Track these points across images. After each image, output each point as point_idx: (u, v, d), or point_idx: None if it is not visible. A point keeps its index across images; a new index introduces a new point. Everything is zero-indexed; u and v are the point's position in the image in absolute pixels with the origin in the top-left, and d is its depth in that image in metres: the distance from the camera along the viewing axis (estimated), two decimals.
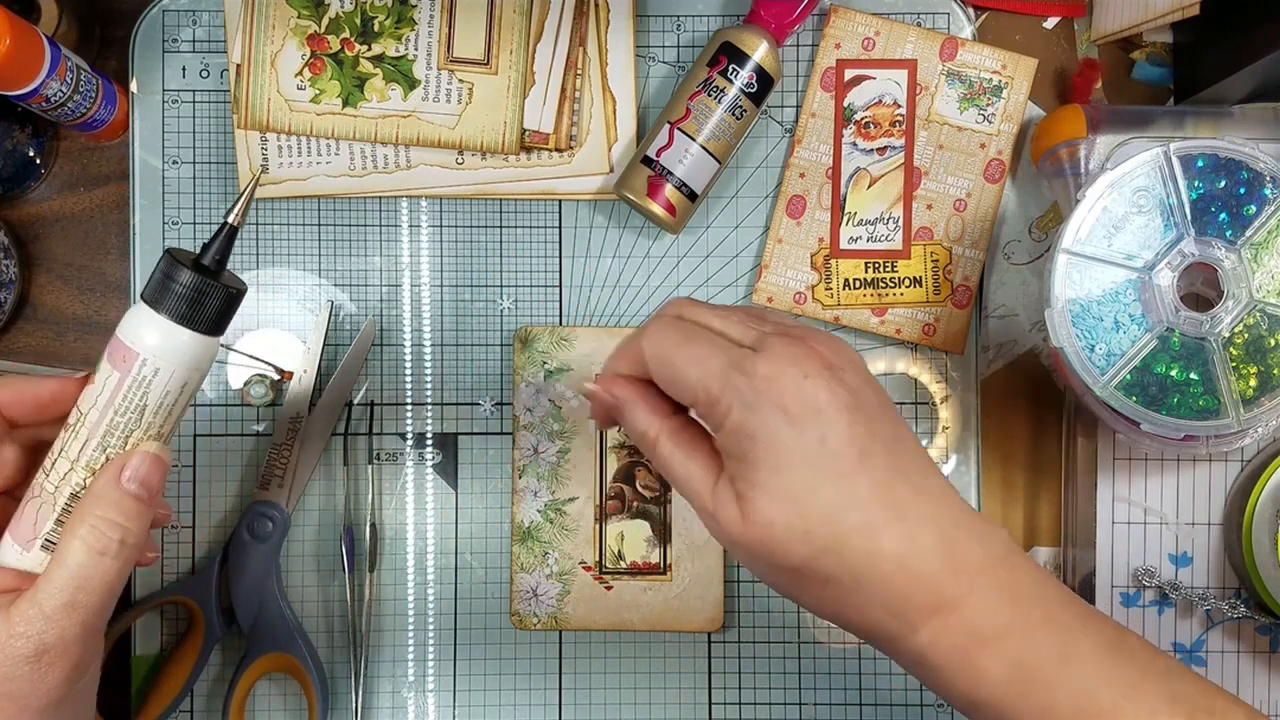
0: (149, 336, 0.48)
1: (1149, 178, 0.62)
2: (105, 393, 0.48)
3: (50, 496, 0.49)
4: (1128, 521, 0.70)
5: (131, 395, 0.48)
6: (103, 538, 0.47)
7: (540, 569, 0.72)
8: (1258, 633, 0.70)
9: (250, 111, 0.71)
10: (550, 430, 0.72)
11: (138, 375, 0.48)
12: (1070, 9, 0.74)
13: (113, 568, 0.48)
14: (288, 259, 0.73)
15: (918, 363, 0.73)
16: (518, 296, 0.73)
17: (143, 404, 0.48)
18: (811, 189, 0.73)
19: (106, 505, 0.47)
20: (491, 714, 0.73)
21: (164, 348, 0.48)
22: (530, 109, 0.71)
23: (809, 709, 0.73)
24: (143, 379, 0.48)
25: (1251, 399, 0.61)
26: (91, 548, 0.47)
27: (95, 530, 0.47)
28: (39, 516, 0.48)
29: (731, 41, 0.70)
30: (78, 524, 0.47)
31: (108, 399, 0.48)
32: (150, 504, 0.48)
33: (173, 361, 0.49)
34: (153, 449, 0.48)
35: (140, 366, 0.48)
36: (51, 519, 0.48)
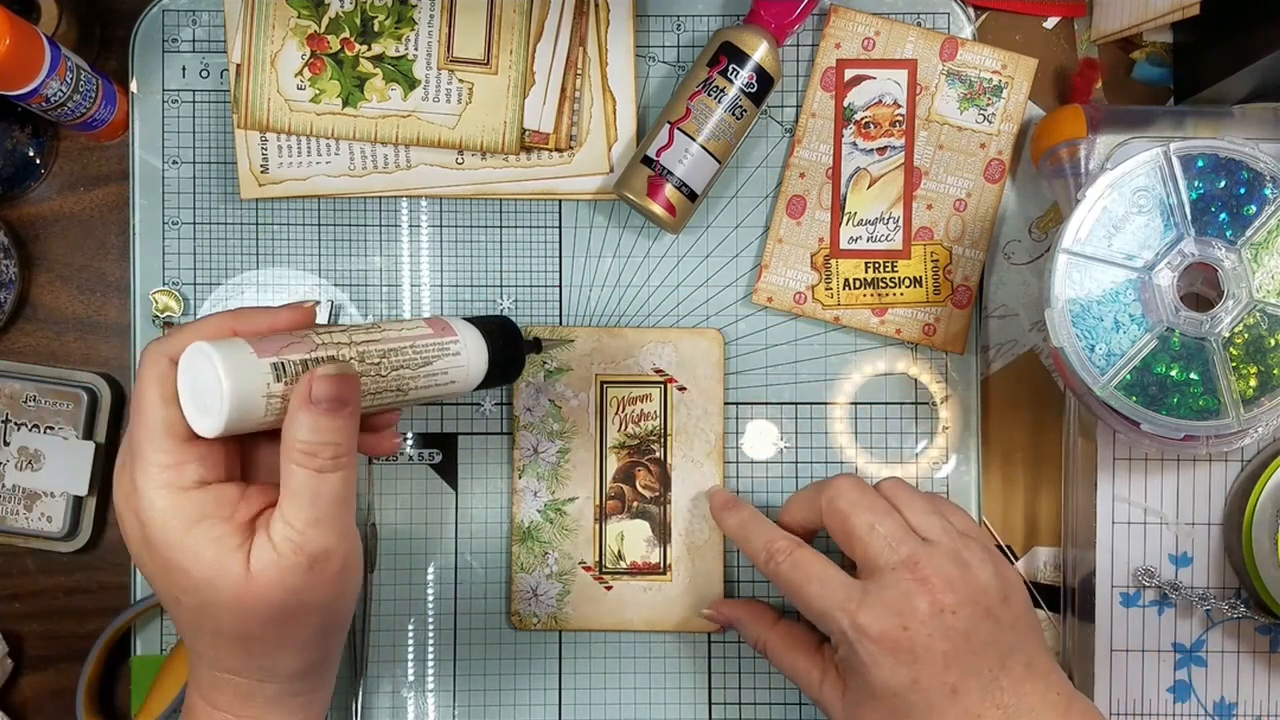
0: (469, 338, 0.60)
1: (1149, 178, 0.62)
2: (410, 333, 0.57)
3: (307, 342, 0.52)
4: (1128, 521, 0.70)
5: (423, 349, 0.57)
6: (315, 459, 0.50)
7: (540, 569, 0.72)
8: (1258, 633, 0.70)
9: (250, 111, 0.71)
10: (550, 430, 0.72)
11: (441, 342, 0.58)
12: (1070, 9, 0.74)
13: (335, 479, 0.51)
14: (288, 259, 0.73)
15: (918, 363, 0.73)
16: (518, 296, 0.73)
17: (427, 361, 0.57)
18: (811, 189, 0.73)
19: (305, 430, 0.50)
20: (491, 714, 0.73)
21: (469, 350, 0.60)
22: (530, 109, 0.71)
23: (809, 709, 0.73)
24: (442, 346, 0.58)
25: (1251, 399, 0.61)
26: (309, 468, 0.50)
27: (305, 454, 0.50)
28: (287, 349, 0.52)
29: (731, 41, 0.70)
30: (287, 449, 0.50)
31: (408, 338, 0.57)
32: (346, 415, 0.51)
33: (463, 360, 0.59)
34: (330, 369, 0.51)
35: (447, 341, 0.58)
36: (303, 353, 0.52)
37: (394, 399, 0.56)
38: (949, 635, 0.57)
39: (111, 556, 0.74)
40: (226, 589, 0.50)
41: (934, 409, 0.73)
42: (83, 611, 0.74)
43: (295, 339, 0.52)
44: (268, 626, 0.51)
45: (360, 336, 0.55)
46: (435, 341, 0.58)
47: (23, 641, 0.74)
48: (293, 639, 0.53)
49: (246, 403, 0.49)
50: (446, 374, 0.58)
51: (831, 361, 0.73)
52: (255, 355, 0.50)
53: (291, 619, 0.51)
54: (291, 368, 0.51)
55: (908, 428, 0.73)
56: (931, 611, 0.57)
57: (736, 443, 0.73)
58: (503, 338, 0.62)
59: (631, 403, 0.72)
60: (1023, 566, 0.74)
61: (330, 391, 0.50)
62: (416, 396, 0.57)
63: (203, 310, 0.73)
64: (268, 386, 0.50)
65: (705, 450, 0.72)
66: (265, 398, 0.50)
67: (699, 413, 0.72)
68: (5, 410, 0.72)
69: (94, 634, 0.72)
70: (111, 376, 0.73)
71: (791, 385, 0.73)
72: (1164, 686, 0.70)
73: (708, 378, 0.72)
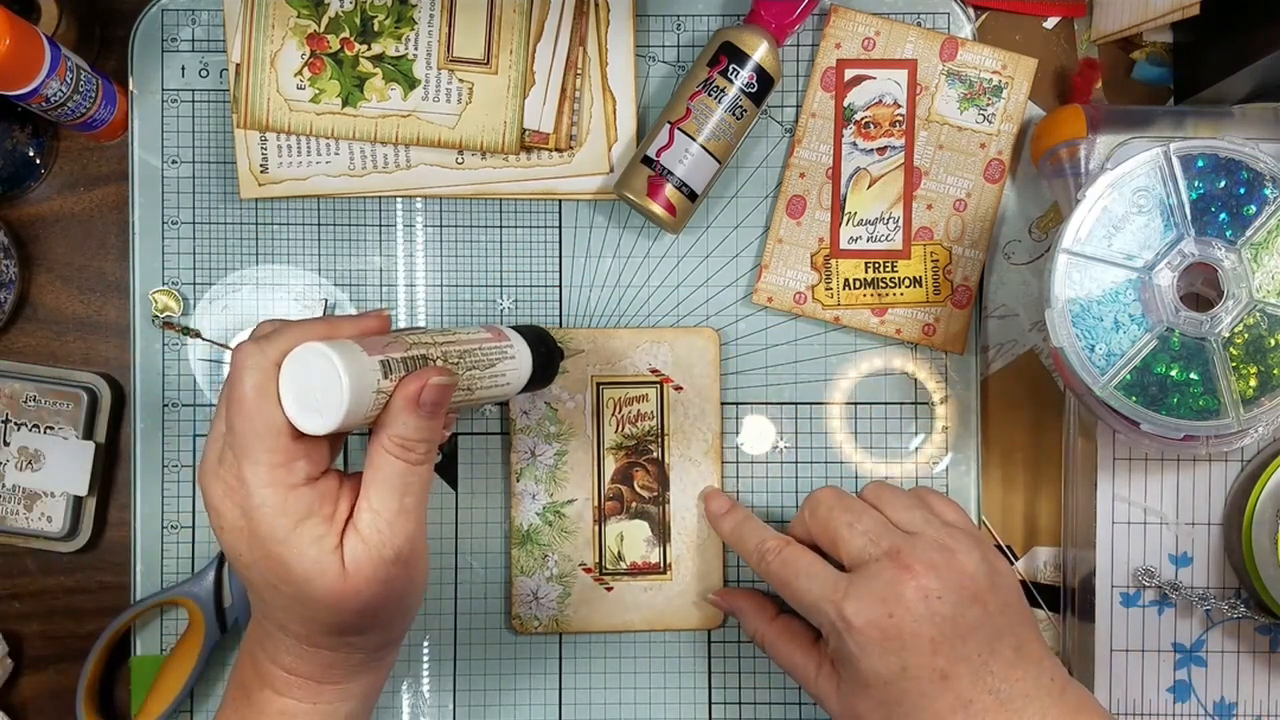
0: (519, 344, 0.64)
1: (1149, 178, 0.62)
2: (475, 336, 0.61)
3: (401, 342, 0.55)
4: (1128, 521, 0.70)
5: (489, 352, 0.60)
6: (411, 453, 0.54)
7: (540, 572, 0.72)
8: (1258, 633, 0.70)
9: (250, 111, 0.71)
10: (547, 433, 0.72)
11: (501, 346, 0.62)
12: (1070, 9, 0.74)
13: (423, 471, 0.55)
14: (287, 258, 0.73)
15: (918, 363, 0.73)
16: (518, 296, 0.73)
17: (492, 363, 0.60)
18: (811, 189, 0.73)
19: (408, 427, 0.53)
20: (491, 714, 0.73)
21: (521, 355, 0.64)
22: (530, 109, 0.71)
23: (808, 709, 0.73)
24: (500, 350, 0.61)
25: (1251, 399, 0.61)
26: (404, 460, 0.54)
27: (404, 448, 0.54)
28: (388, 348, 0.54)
29: (732, 41, 0.70)
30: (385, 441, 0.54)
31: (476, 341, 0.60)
32: (441, 414, 0.55)
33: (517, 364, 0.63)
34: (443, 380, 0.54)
35: (505, 345, 0.62)
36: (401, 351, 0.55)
37: (464, 399, 0.59)
38: (935, 620, 0.58)
39: (111, 556, 0.74)
40: (325, 586, 0.53)
41: (933, 409, 0.73)
42: (83, 611, 0.74)
43: (391, 339, 0.55)
44: (361, 616, 0.54)
45: (440, 339, 0.58)
46: (496, 346, 0.61)
47: (23, 641, 0.74)
48: (380, 621, 0.56)
49: (360, 400, 0.52)
50: (504, 376, 0.62)
51: (831, 361, 0.73)
52: (365, 354, 0.53)
53: (382, 607, 0.55)
54: (396, 365, 0.54)
55: (907, 428, 0.73)
56: (917, 597, 0.58)
57: (736, 443, 0.73)
58: (543, 344, 0.66)
59: (628, 403, 0.72)
60: (1023, 566, 0.73)
61: (438, 397, 0.54)
62: (480, 397, 0.60)
63: (202, 308, 0.73)
64: (377, 384, 0.53)
65: (703, 449, 0.72)
66: (375, 394, 0.53)
67: (696, 412, 0.72)
68: (5, 410, 0.72)
69: (94, 634, 0.72)
70: (111, 376, 0.73)
71: (791, 385, 0.73)
72: (1164, 686, 0.70)
73: (704, 377, 0.72)
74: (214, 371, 0.73)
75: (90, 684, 0.71)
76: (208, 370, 0.73)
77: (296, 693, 0.57)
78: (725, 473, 0.73)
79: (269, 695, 0.57)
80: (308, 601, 0.53)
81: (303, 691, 0.57)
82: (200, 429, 0.73)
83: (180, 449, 0.73)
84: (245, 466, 0.52)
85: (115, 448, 0.74)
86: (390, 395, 0.54)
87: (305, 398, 0.52)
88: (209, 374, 0.73)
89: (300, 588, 0.53)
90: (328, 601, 0.53)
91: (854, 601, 0.59)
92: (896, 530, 0.61)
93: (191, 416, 0.73)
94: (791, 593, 0.62)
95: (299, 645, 0.56)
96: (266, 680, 0.57)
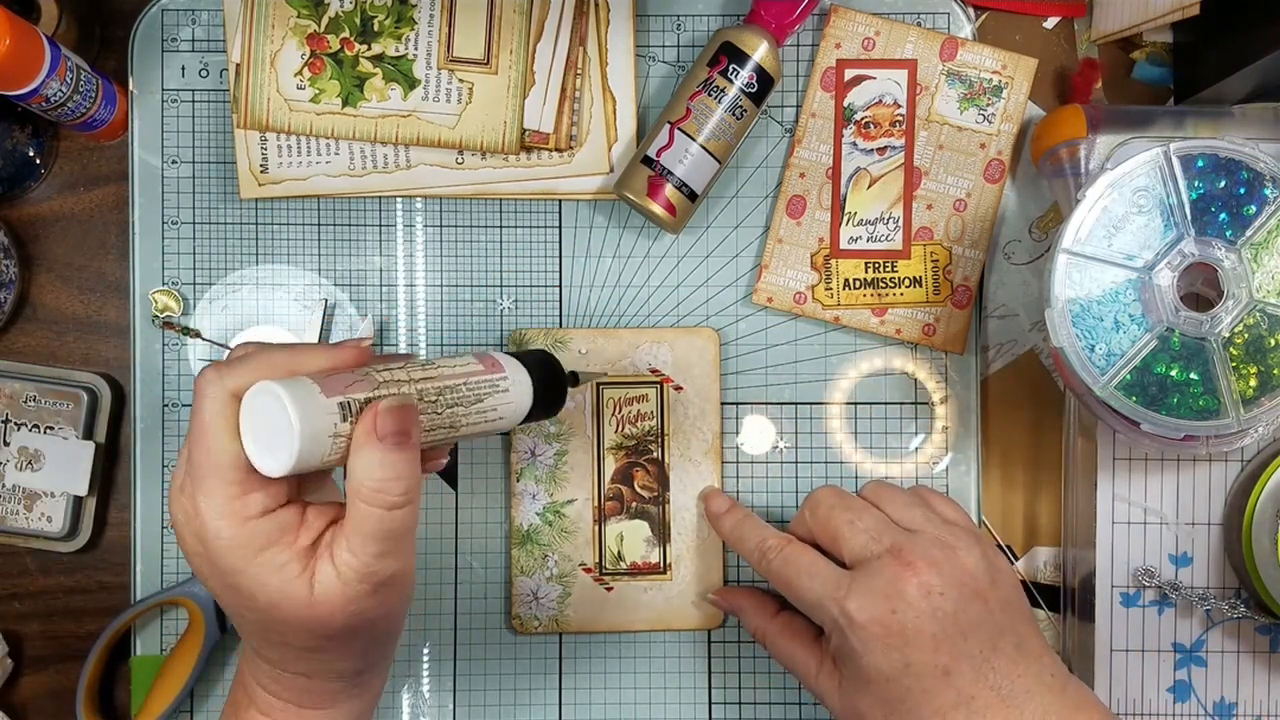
0: (515, 374, 0.60)
1: (1149, 178, 0.62)
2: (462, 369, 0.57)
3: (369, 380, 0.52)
4: (1128, 521, 0.70)
5: (476, 387, 0.57)
6: (385, 496, 0.51)
7: (540, 572, 0.72)
8: (1258, 633, 0.70)
9: (250, 111, 0.71)
10: (547, 433, 0.72)
11: (491, 379, 0.58)
12: (1070, 9, 0.74)
13: (402, 515, 0.51)
14: (287, 258, 0.73)
15: (918, 363, 0.73)
16: (518, 296, 0.73)
17: (479, 398, 0.57)
18: (811, 189, 0.73)
19: (375, 466, 0.50)
20: (492, 714, 0.73)
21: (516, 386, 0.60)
22: (530, 109, 0.71)
23: (808, 709, 0.73)
24: (491, 383, 0.58)
25: (1251, 399, 0.61)
26: (378, 506, 0.51)
27: (374, 493, 0.50)
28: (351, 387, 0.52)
29: (731, 41, 0.70)
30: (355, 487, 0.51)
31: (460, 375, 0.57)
32: (410, 448, 0.51)
33: (511, 397, 0.59)
34: (393, 403, 0.51)
35: (497, 378, 0.58)
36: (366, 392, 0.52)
37: (446, 435, 0.56)
38: (937, 617, 0.58)
39: (111, 556, 0.74)
40: (291, 612, 0.51)
41: (933, 409, 0.73)
42: (83, 611, 0.74)
43: (358, 377, 0.52)
44: (332, 641, 0.53)
45: (417, 374, 0.54)
46: (486, 379, 0.58)
47: (23, 641, 0.74)
48: (357, 648, 0.54)
49: (314, 443, 0.49)
50: (496, 410, 0.58)
51: (831, 361, 0.73)
52: (323, 395, 0.50)
53: (355, 634, 0.53)
54: (356, 406, 0.51)
55: (907, 428, 0.73)
56: (919, 594, 0.58)
57: (736, 443, 0.73)
58: (545, 372, 0.62)
59: (628, 403, 0.72)
60: (1023, 566, 0.73)
61: (395, 425, 0.51)
62: (467, 433, 0.57)
63: (202, 308, 0.73)
64: (334, 426, 0.50)
65: (703, 449, 0.72)
66: (332, 438, 0.50)
67: (696, 412, 0.72)
68: (5, 410, 0.72)
69: (94, 634, 0.72)
70: (111, 376, 0.73)
71: (791, 385, 0.73)
72: (1164, 686, 0.70)
73: (704, 377, 0.72)
74: None
75: (90, 684, 0.71)
76: None
77: (279, 716, 0.56)
78: (725, 473, 0.73)
79: (254, 715, 0.56)
80: (275, 627, 0.52)
81: (285, 715, 0.56)
82: None
83: (180, 449, 0.72)
84: (200, 497, 0.51)
85: (115, 448, 0.74)
86: None
87: (261, 436, 0.50)
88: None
89: (267, 613, 0.52)
90: (295, 627, 0.52)
91: (856, 598, 0.59)
92: (897, 528, 0.61)
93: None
94: (793, 591, 0.62)
95: (274, 670, 0.55)
96: (253, 701, 0.56)
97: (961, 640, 0.58)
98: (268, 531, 0.51)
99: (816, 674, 0.63)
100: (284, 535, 0.51)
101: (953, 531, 0.61)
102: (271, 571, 0.51)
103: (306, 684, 0.55)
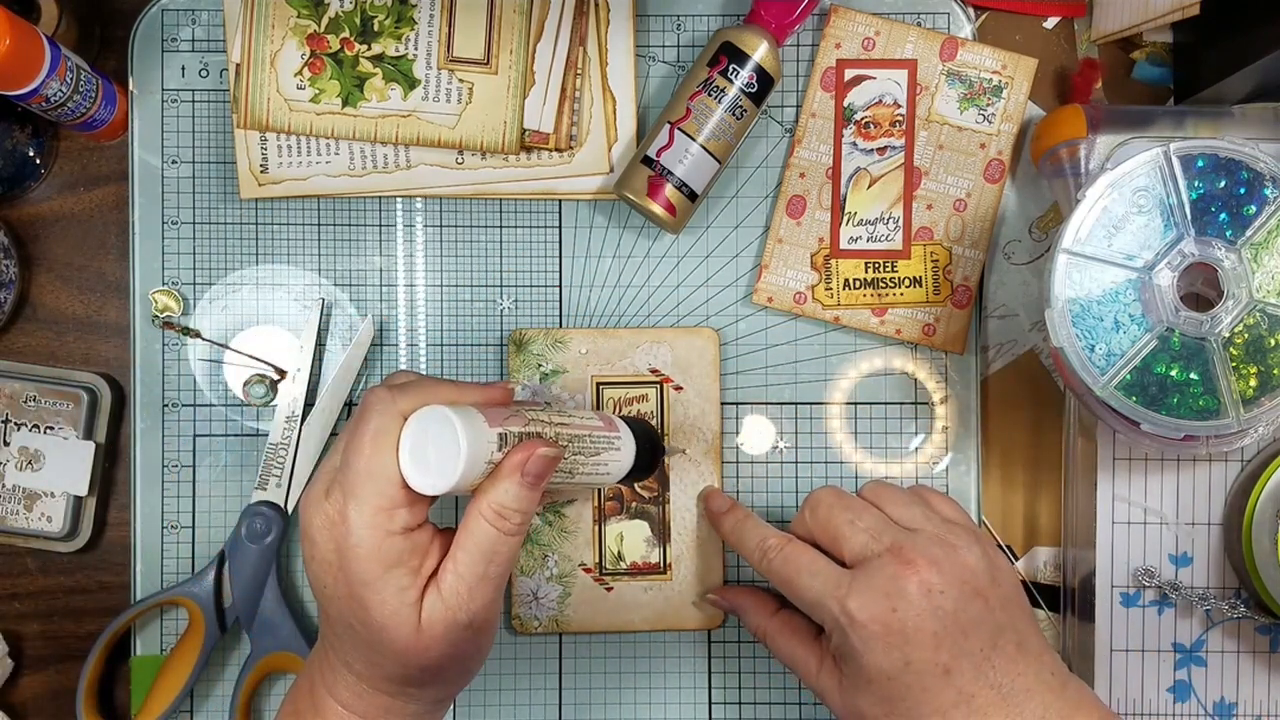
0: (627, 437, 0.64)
1: (1149, 178, 0.62)
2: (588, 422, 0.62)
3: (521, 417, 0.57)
4: (1128, 521, 0.70)
5: (597, 441, 0.61)
6: (505, 522, 0.55)
7: (540, 572, 0.72)
8: (1258, 633, 0.70)
9: (250, 111, 0.71)
10: None
11: (609, 435, 0.62)
12: (1070, 9, 0.74)
13: (513, 543, 0.56)
14: (287, 258, 0.73)
15: (918, 363, 0.73)
16: (518, 296, 0.73)
17: (596, 451, 0.61)
18: (811, 189, 0.73)
19: (508, 495, 0.55)
20: (492, 714, 0.73)
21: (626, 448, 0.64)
22: (530, 109, 0.71)
23: (809, 709, 0.73)
24: (608, 440, 0.62)
25: (1251, 399, 0.61)
26: (497, 529, 0.55)
27: (499, 515, 0.55)
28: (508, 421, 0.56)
29: (731, 41, 0.70)
30: (483, 507, 0.55)
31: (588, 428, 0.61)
32: (540, 487, 0.56)
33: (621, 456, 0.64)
34: (550, 452, 0.55)
35: (613, 436, 0.63)
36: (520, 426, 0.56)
37: (563, 480, 0.59)
38: (938, 615, 0.58)
39: (111, 556, 0.74)
40: (398, 638, 0.54)
41: (933, 409, 0.73)
42: (83, 611, 0.74)
43: (512, 412, 0.56)
44: (425, 672, 0.56)
45: (556, 419, 0.59)
46: (605, 435, 0.62)
47: (23, 641, 0.74)
48: (443, 679, 0.57)
49: (473, 467, 0.53)
50: (606, 466, 0.62)
51: (831, 361, 0.73)
52: (486, 425, 0.54)
53: (447, 666, 0.56)
54: (512, 439, 0.55)
55: (907, 428, 0.73)
56: (919, 592, 0.58)
57: (736, 443, 0.73)
58: (649, 441, 0.66)
59: (628, 403, 0.72)
60: (1023, 566, 0.73)
61: (543, 469, 0.55)
62: (580, 482, 0.61)
63: (202, 308, 0.73)
64: (491, 454, 0.54)
65: (703, 449, 0.72)
66: (487, 464, 0.54)
67: (696, 412, 0.72)
68: (5, 410, 0.72)
69: (94, 634, 0.72)
70: (111, 376, 0.73)
71: (791, 385, 0.73)
72: (1164, 686, 0.70)
73: (704, 377, 0.72)
74: (214, 372, 0.73)
75: (90, 684, 0.71)
76: (208, 370, 0.73)
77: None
78: (725, 473, 0.73)
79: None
80: (378, 647, 0.55)
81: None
82: (200, 429, 0.73)
83: (180, 449, 0.73)
84: (350, 504, 0.54)
85: (115, 448, 0.74)
86: None
87: (420, 455, 0.53)
88: (209, 374, 0.73)
89: (375, 633, 0.54)
90: (397, 652, 0.54)
91: (857, 597, 0.59)
92: (897, 527, 0.61)
93: (191, 416, 0.73)
94: (794, 590, 0.62)
95: (360, 684, 0.57)
96: (320, 711, 0.58)
97: (962, 638, 0.58)
98: (401, 550, 0.54)
99: (817, 672, 0.63)
100: (412, 558, 0.55)
101: (953, 530, 0.61)
102: (394, 591, 0.54)
103: (387, 703, 0.57)
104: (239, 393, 0.73)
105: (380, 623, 0.54)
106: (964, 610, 0.58)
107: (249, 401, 0.72)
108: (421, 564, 0.55)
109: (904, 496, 0.64)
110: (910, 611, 0.58)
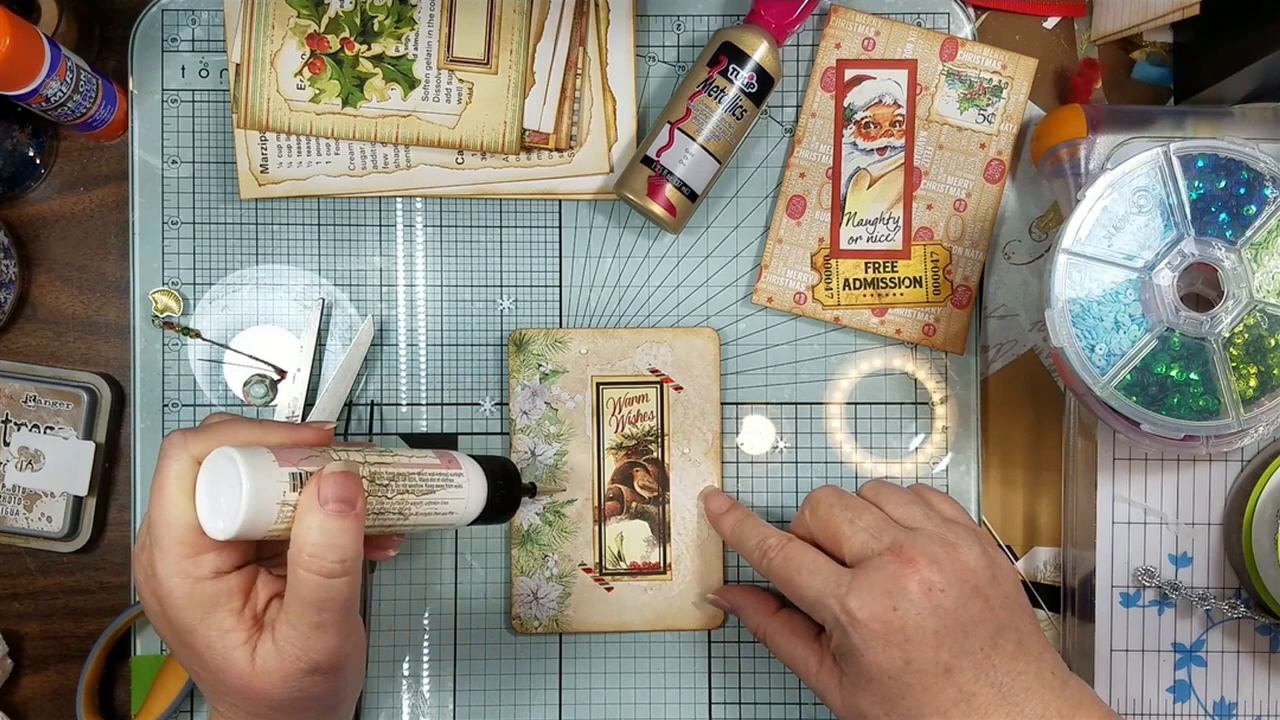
0: (472, 474, 0.62)
1: (1149, 178, 0.62)
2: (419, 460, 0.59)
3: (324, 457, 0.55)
4: (1128, 521, 0.70)
5: (429, 479, 0.59)
6: (322, 563, 0.52)
7: (540, 572, 0.72)
8: (1258, 633, 0.70)
9: (250, 111, 0.71)
10: (547, 433, 0.72)
11: (446, 474, 0.60)
12: (1070, 9, 0.74)
13: (340, 585, 0.52)
14: (287, 258, 0.73)
15: (918, 363, 0.73)
16: (518, 296, 0.73)
17: (431, 489, 0.59)
18: (811, 189, 0.73)
19: (315, 532, 0.52)
20: (492, 714, 0.73)
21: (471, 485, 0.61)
22: (530, 109, 0.71)
23: (809, 709, 0.73)
24: (445, 477, 0.60)
25: (1251, 399, 0.61)
26: (317, 574, 0.52)
27: (314, 558, 0.52)
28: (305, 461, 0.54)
29: (731, 41, 0.70)
30: (294, 554, 0.52)
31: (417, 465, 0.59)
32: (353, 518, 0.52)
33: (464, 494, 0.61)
34: (337, 467, 0.53)
35: (453, 474, 0.60)
36: (319, 466, 0.53)
37: (396, 521, 0.58)
38: (938, 614, 0.58)
39: (111, 556, 0.74)
40: (235, 679, 0.53)
41: (933, 409, 0.73)
42: (83, 611, 0.74)
43: (315, 453, 0.54)
44: (276, 711, 0.55)
45: (373, 458, 0.57)
46: (440, 473, 0.60)
47: (23, 641, 0.74)
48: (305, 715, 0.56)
49: (262, 508, 0.51)
50: (447, 504, 0.60)
51: (831, 361, 0.73)
52: (276, 464, 0.52)
53: (297, 708, 0.55)
54: (308, 479, 0.53)
55: (907, 428, 0.73)
56: (920, 591, 0.58)
57: (736, 443, 0.73)
58: (503, 478, 0.64)
59: (628, 403, 0.72)
60: (1023, 566, 0.73)
61: (338, 491, 0.52)
62: (416, 522, 0.59)
63: (202, 308, 0.73)
64: (283, 495, 0.52)
65: (703, 449, 0.72)
66: (279, 505, 0.52)
67: (696, 412, 0.72)
68: (5, 410, 0.72)
69: (94, 634, 0.72)
70: (111, 376, 0.73)
71: (791, 385, 0.73)
72: (1164, 686, 0.70)
73: (704, 377, 0.72)
74: (214, 372, 0.73)
75: (90, 684, 0.71)
76: (208, 370, 0.73)
77: None
78: (725, 473, 0.73)
79: None
80: (222, 689, 0.54)
81: None
82: None
83: None
84: (156, 555, 0.53)
85: (115, 448, 0.74)
86: None
87: (214, 499, 0.52)
88: (209, 374, 0.73)
89: (215, 675, 0.54)
90: (240, 691, 0.54)
91: (858, 596, 0.59)
92: (898, 526, 0.61)
93: (191, 417, 0.73)
94: (794, 589, 0.62)
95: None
96: None
97: (962, 637, 0.58)
98: (215, 594, 0.53)
99: (817, 671, 0.63)
100: (231, 600, 0.53)
101: (953, 529, 0.61)
102: (217, 635, 0.53)
103: None
104: (239, 393, 0.73)
105: (215, 665, 0.53)
106: (964, 609, 0.58)
107: (249, 401, 0.72)
108: (244, 605, 0.53)
109: (904, 496, 0.64)
110: (911, 610, 0.58)
